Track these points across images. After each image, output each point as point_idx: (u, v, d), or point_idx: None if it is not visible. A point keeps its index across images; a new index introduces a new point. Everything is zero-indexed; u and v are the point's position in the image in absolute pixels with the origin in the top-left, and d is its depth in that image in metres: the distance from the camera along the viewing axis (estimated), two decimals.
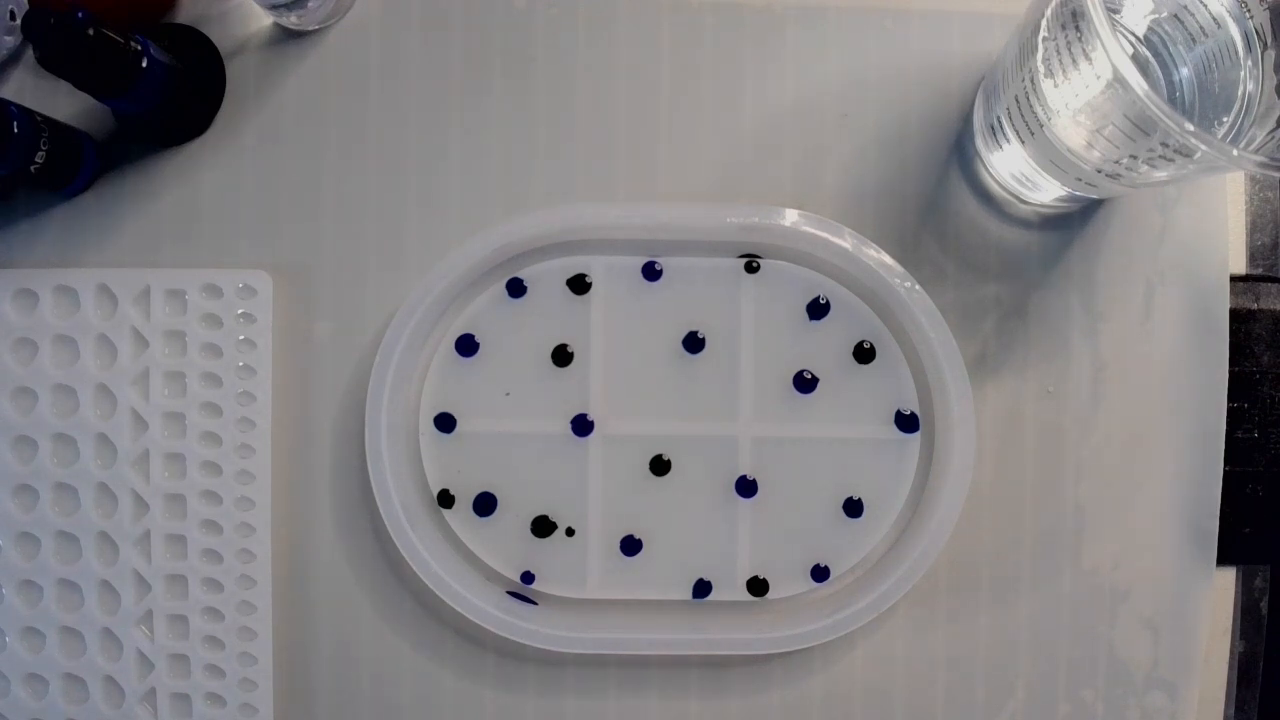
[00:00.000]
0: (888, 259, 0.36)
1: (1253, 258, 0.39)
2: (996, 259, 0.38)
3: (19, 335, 0.37)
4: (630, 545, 0.37)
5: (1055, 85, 0.29)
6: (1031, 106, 0.31)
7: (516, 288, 0.37)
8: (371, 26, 0.38)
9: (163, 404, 0.37)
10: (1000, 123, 0.34)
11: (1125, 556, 0.37)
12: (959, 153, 0.38)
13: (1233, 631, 0.38)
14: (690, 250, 0.37)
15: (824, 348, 0.37)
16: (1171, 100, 0.31)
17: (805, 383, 0.37)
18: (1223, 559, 0.37)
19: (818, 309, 0.37)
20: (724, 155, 0.38)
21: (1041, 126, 0.31)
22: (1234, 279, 0.38)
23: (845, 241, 0.36)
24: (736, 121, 0.38)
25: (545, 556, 0.37)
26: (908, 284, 0.36)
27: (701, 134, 0.38)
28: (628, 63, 0.38)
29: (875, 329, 0.37)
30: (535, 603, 0.37)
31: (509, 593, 0.37)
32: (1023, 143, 0.33)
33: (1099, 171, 0.31)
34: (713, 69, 0.38)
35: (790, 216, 0.36)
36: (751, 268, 0.37)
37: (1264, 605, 0.39)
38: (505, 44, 0.38)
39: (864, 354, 0.37)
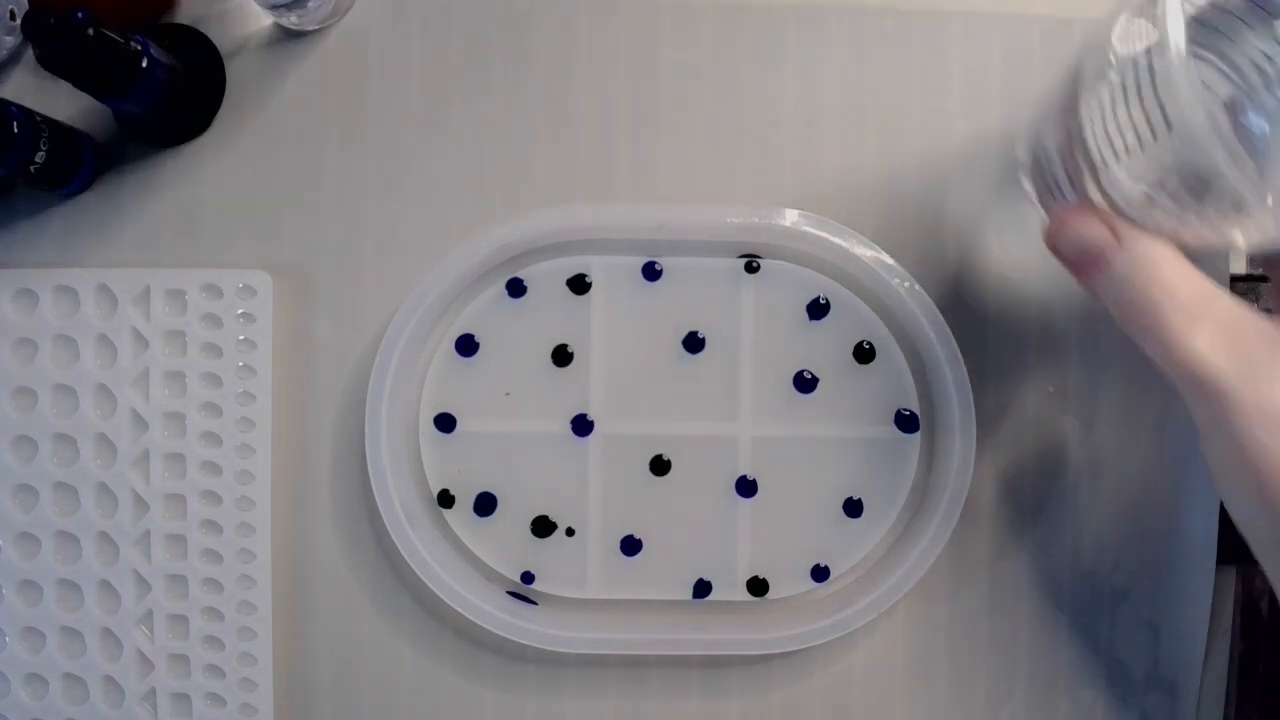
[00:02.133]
0: (888, 259, 0.36)
1: (1252, 258, 0.39)
2: (997, 259, 0.38)
3: (19, 335, 0.37)
4: (630, 545, 0.37)
5: (1114, 139, 0.27)
6: (1089, 157, 0.28)
7: (516, 288, 0.37)
8: (371, 26, 0.38)
9: (163, 404, 0.37)
10: (1049, 166, 0.31)
11: (1125, 556, 0.37)
12: (958, 152, 0.38)
13: (1233, 631, 0.38)
14: (690, 250, 0.37)
15: (824, 348, 0.37)
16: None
17: (805, 383, 0.37)
18: (1223, 559, 0.37)
19: (818, 309, 0.37)
20: (724, 155, 0.38)
21: (1097, 177, 0.28)
22: (1234, 279, 0.38)
23: (845, 241, 0.36)
24: (736, 121, 0.38)
25: (545, 556, 0.37)
26: (908, 284, 0.36)
27: (701, 134, 0.38)
28: (628, 63, 0.38)
29: (875, 329, 0.37)
30: (535, 603, 0.37)
31: (509, 593, 0.37)
32: (1075, 191, 0.30)
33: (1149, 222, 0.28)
34: (713, 69, 0.38)
35: (790, 216, 0.36)
36: (751, 268, 0.37)
37: (1264, 605, 0.39)
38: (505, 44, 0.38)
39: (864, 354, 0.37)
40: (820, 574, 0.37)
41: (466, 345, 0.37)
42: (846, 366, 0.37)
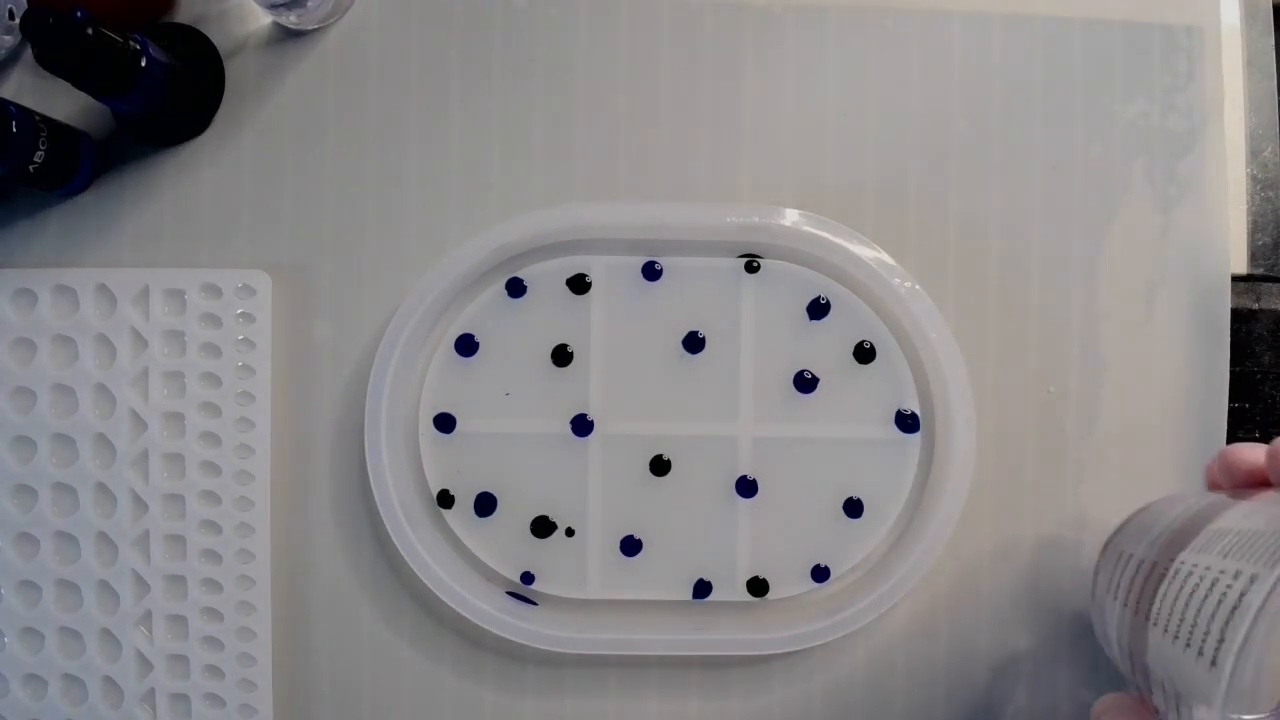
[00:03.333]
0: (888, 259, 0.36)
1: (1254, 257, 0.39)
2: (996, 259, 0.38)
3: (18, 335, 0.37)
4: (630, 545, 0.37)
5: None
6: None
7: (516, 288, 0.37)
8: (371, 26, 0.38)
9: (162, 404, 0.37)
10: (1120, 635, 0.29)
11: None
12: (958, 152, 0.38)
13: None
14: (690, 250, 0.37)
15: (824, 348, 0.37)
16: None
17: (805, 383, 0.37)
18: None
19: (818, 309, 0.37)
20: (724, 155, 0.38)
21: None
22: (1235, 279, 0.38)
23: (845, 241, 0.36)
24: (736, 121, 0.38)
25: (545, 556, 0.37)
26: (908, 284, 0.36)
27: (702, 134, 0.38)
28: (628, 63, 0.38)
29: (875, 329, 0.37)
30: (535, 603, 0.37)
31: (509, 593, 0.37)
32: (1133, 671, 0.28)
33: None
34: (713, 69, 0.38)
35: (790, 216, 0.36)
36: (751, 268, 0.37)
37: None
38: (505, 44, 0.38)
39: (864, 354, 0.37)
40: (820, 574, 0.37)
41: (466, 345, 0.37)
42: (846, 366, 0.37)
